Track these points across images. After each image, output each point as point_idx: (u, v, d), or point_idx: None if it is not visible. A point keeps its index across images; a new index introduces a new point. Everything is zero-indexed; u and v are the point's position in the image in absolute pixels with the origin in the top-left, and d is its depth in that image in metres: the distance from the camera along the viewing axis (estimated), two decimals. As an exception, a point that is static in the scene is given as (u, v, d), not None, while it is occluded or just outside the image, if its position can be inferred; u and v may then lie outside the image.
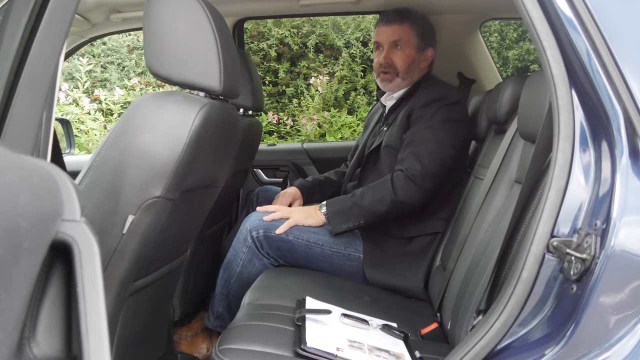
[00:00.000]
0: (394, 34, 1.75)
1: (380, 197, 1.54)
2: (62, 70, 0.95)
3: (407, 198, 1.54)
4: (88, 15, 1.96)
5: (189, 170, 1.01)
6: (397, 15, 1.77)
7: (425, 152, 1.57)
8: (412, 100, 1.72)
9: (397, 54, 1.75)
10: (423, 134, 1.61)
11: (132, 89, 4.97)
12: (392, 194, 1.54)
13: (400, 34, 1.74)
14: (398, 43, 1.74)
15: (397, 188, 1.54)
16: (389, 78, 1.77)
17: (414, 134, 1.63)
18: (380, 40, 1.78)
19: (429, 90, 1.70)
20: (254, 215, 1.61)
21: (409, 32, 1.75)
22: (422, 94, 1.71)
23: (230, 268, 1.59)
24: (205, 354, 1.74)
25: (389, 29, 1.76)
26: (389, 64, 1.75)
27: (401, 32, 1.74)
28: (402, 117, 1.70)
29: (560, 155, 0.76)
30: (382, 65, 1.77)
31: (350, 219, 1.55)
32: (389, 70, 1.76)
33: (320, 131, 4.73)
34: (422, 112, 1.65)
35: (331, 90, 4.93)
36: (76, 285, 0.39)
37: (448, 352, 0.89)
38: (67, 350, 0.40)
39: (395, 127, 1.71)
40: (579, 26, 0.75)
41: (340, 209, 1.57)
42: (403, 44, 1.74)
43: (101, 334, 0.37)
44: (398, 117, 1.74)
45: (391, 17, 1.77)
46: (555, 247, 0.75)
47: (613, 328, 0.69)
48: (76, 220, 0.40)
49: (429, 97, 1.67)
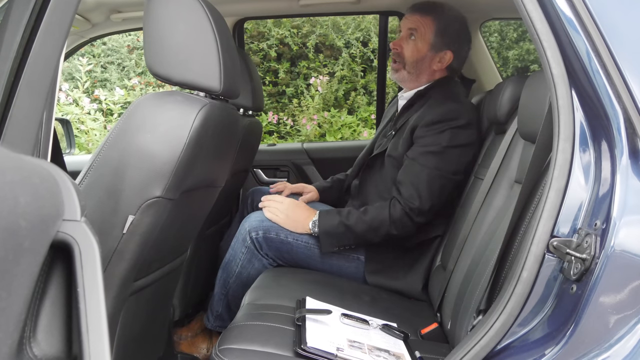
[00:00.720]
0: (413, 22, 1.68)
1: (376, 227, 1.52)
2: (62, 70, 0.95)
3: (401, 231, 1.53)
4: (88, 15, 1.96)
5: (189, 170, 1.01)
6: (424, 5, 1.70)
7: (424, 184, 1.51)
8: (420, 111, 1.62)
9: (409, 43, 1.68)
10: (425, 160, 1.53)
11: (132, 89, 4.97)
12: (388, 226, 1.52)
13: (417, 24, 1.67)
14: (413, 33, 1.67)
15: (394, 221, 1.52)
16: (396, 67, 1.72)
17: (416, 158, 1.55)
18: (400, 26, 1.74)
19: (439, 108, 1.56)
20: (253, 215, 1.61)
21: (428, 25, 1.66)
22: (430, 109, 1.58)
23: (229, 268, 1.59)
24: (205, 354, 1.74)
25: (411, 17, 1.69)
26: (397, 53, 1.70)
27: (420, 22, 1.67)
28: (407, 131, 1.62)
29: (560, 155, 0.76)
30: (392, 52, 1.72)
31: (341, 241, 1.55)
32: (397, 59, 1.71)
33: (320, 131, 4.73)
34: (426, 132, 1.55)
35: (331, 90, 4.93)
36: (76, 285, 0.39)
37: (448, 352, 0.89)
38: (67, 350, 0.40)
39: (401, 139, 1.64)
40: (579, 26, 0.75)
41: (331, 230, 1.54)
42: (417, 36, 1.67)
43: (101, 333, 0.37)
44: (406, 125, 1.65)
45: (418, 6, 1.70)
46: (555, 247, 0.75)
47: (613, 328, 0.70)
48: (76, 220, 0.40)
49: (435, 116, 1.54)
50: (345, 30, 5.11)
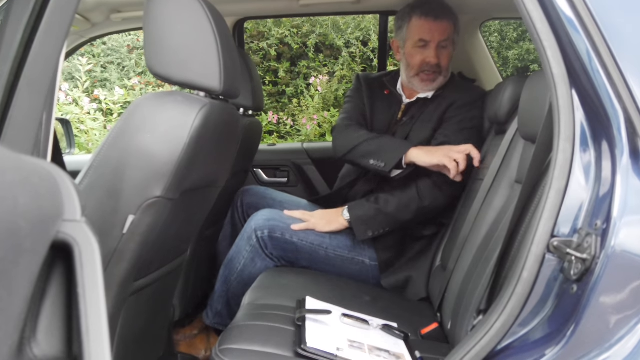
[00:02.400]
0: (445, 32, 1.62)
1: (406, 204, 1.52)
2: (62, 70, 0.95)
3: (432, 204, 1.53)
4: (88, 15, 1.96)
5: (189, 170, 1.01)
6: (444, 11, 1.63)
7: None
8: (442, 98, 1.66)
9: (444, 53, 1.64)
10: (458, 137, 1.56)
11: (132, 89, 4.97)
12: (418, 200, 1.52)
13: (449, 32, 1.63)
14: (446, 42, 1.63)
15: (424, 195, 1.52)
16: (432, 78, 1.65)
17: (449, 136, 1.57)
18: (428, 37, 1.62)
19: (469, 91, 1.67)
20: (259, 214, 1.61)
21: (453, 29, 1.65)
22: (462, 92, 1.65)
23: (232, 266, 1.59)
24: (205, 354, 1.74)
25: (439, 25, 1.61)
26: (437, 64, 1.63)
27: (450, 30, 1.63)
28: (436, 115, 1.63)
29: (560, 155, 0.76)
30: (428, 65, 1.63)
31: (374, 226, 1.54)
32: (433, 69, 1.64)
33: (320, 131, 4.72)
34: (459, 112, 1.61)
35: (331, 90, 4.93)
36: (77, 285, 0.39)
37: (448, 352, 0.89)
38: (67, 350, 0.40)
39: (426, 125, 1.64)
40: (579, 26, 0.75)
41: (364, 215, 1.54)
42: (449, 43, 1.64)
43: (102, 334, 0.37)
44: (428, 113, 1.65)
45: (440, 12, 1.62)
46: (555, 247, 0.75)
47: (613, 328, 0.69)
48: (76, 220, 0.40)
49: (469, 98, 1.62)
50: (345, 30, 5.11)
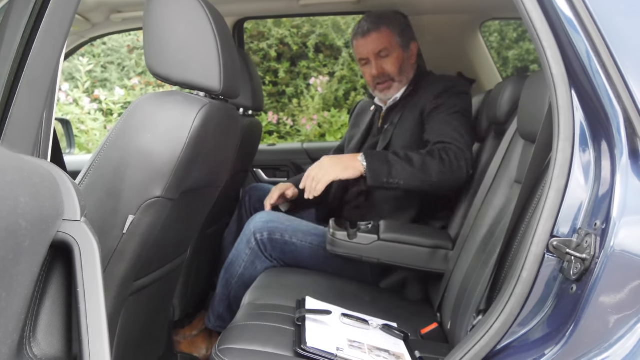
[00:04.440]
0: (376, 43, 1.68)
1: (428, 165, 1.45)
2: (62, 70, 0.95)
3: (459, 171, 1.46)
4: (88, 15, 1.97)
5: (189, 170, 1.01)
6: (372, 23, 1.70)
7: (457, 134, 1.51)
8: (418, 98, 1.68)
9: (386, 61, 1.69)
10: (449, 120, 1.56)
11: (132, 89, 4.97)
12: (442, 166, 1.45)
13: (382, 42, 1.68)
14: (382, 52, 1.69)
15: (449, 162, 1.45)
16: (387, 86, 1.72)
17: (438, 121, 1.57)
18: (364, 54, 1.72)
19: (437, 83, 1.66)
20: (257, 216, 1.61)
21: (389, 36, 1.69)
22: (430, 88, 1.66)
23: (232, 269, 1.59)
24: (205, 354, 1.74)
25: (368, 40, 1.69)
26: (382, 74, 1.70)
27: (382, 38, 1.68)
28: (413, 115, 1.65)
29: (560, 155, 0.76)
30: (375, 78, 1.71)
31: (391, 174, 1.44)
32: (384, 79, 1.71)
33: (320, 131, 4.72)
34: (437, 102, 1.60)
35: (331, 90, 4.93)
36: (76, 285, 0.39)
37: (448, 352, 0.89)
38: (67, 350, 0.40)
39: (406, 126, 1.66)
40: (578, 26, 0.75)
41: (382, 160, 1.46)
42: (388, 51, 1.68)
43: (101, 333, 0.37)
44: (406, 116, 1.68)
45: (366, 27, 1.69)
46: (555, 247, 0.75)
47: (613, 328, 0.70)
48: (76, 220, 0.40)
49: (440, 88, 1.63)
50: (345, 30, 5.11)
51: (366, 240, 1.44)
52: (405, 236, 1.45)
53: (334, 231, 1.45)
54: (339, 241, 1.44)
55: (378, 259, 1.45)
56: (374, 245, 1.44)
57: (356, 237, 1.44)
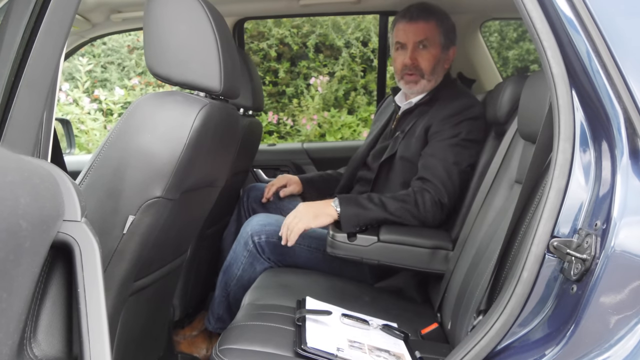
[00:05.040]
0: (421, 32, 1.63)
1: (402, 211, 1.46)
2: (62, 70, 0.95)
3: (432, 220, 1.48)
4: (88, 15, 1.96)
5: (189, 170, 1.01)
6: (423, 12, 1.65)
7: (447, 180, 1.50)
8: (431, 112, 1.63)
9: (423, 54, 1.64)
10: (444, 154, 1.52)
11: (132, 89, 4.96)
12: (416, 211, 1.47)
13: (427, 33, 1.63)
14: (424, 42, 1.63)
15: (424, 208, 1.46)
16: (415, 79, 1.66)
17: (435, 154, 1.54)
18: (403, 39, 1.65)
19: (454, 102, 1.60)
20: (254, 219, 1.60)
21: (435, 30, 1.64)
22: (443, 107, 1.61)
23: (230, 271, 1.59)
24: (205, 354, 1.74)
25: (414, 26, 1.63)
26: (415, 65, 1.64)
27: (428, 30, 1.63)
28: (420, 130, 1.61)
29: (560, 156, 0.76)
30: (406, 67, 1.65)
31: (364, 220, 1.46)
32: (413, 71, 1.65)
33: (320, 131, 4.72)
34: (442, 127, 1.56)
35: (331, 90, 4.93)
36: (77, 285, 0.39)
37: (448, 352, 0.89)
38: (67, 350, 0.40)
39: (413, 139, 1.62)
40: (579, 26, 0.75)
41: (356, 205, 1.47)
42: (429, 43, 1.63)
43: (102, 334, 0.37)
44: (416, 126, 1.65)
45: (416, 13, 1.64)
46: (555, 247, 0.75)
47: (613, 328, 0.69)
48: (77, 220, 0.40)
49: (450, 110, 1.58)
50: (345, 30, 5.11)
51: (366, 241, 1.44)
52: (405, 237, 1.45)
53: (333, 233, 1.45)
54: (339, 243, 1.44)
55: (378, 260, 1.45)
56: (373, 247, 1.44)
57: (356, 239, 1.44)
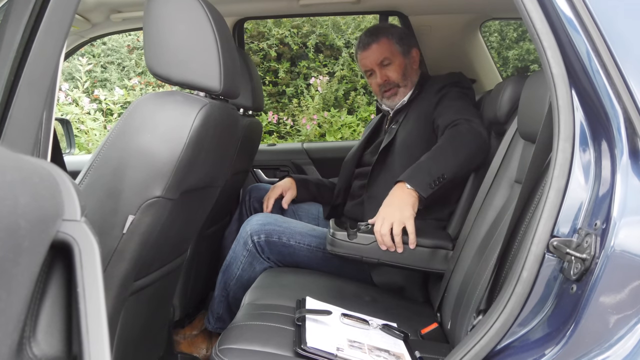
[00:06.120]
0: (378, 54, 1.77)
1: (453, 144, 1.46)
2: (62, 70, 0.95)
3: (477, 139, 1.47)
4: (88, 15, 1.96)
5: (189, 170, 1.01)
6: (371, 35, 1.80)
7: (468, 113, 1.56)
8: (422, 96, 1.74)
9: (390, 69, 1.78)
10: (451, 103, 1.61)
11: (132, 89, 4.97)
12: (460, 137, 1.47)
13: (383, 51, 1.77)
14: (384, 61, 1.77)
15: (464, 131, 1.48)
16: (393, 92, 1.80)
17: (445, 107, 1.62)
18: (368, 66, 1.81)
19: (439, 80, 1.73)
20: (254, 219, 1.61)
21: (388, 45, 1.77)
22: (432, 85, 1.73)
23: (230, 271, 1.59)
24: (205, 354, 1.74)
25: (369, 52, 1.79)
26: (387, 82, 1.79)
27: (382, 49, 1.77)
28: (417, 113, 1.71)
29: (560, 155, 0.76)
30: (382, 86, 1.80)
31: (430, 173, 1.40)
32: (389, 87, 1.79)
33: (320, 131, 4.72)
34: (440, 94, 1.67)
35: (331, 90, 4.93)
36: (76, 285, 0.39)
37: (448, 352, 0.89)
38: (67, 350, 0.40)
39: (410, 123, 1.71)
40: (579, 26, 0.75)
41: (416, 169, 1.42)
42: (390, 58, 1.77)
43: (101, 334, 0.37)
44: (410, 114, 1.74)
45: (366, 40, 1.80)
46: (555, 247, 0.75)
47: (613, 328, 0.69)
48: (76, 220, 0.40)
49: (441, 83, 1.70)
50: (345, 30, 5.11)
51: (366, 240, 1.44)
52: (405, 236, 1.46)
53: (334, 231, 1.45)
54: (339, 241, 1.44)
55: (378, 259, 1.45)
56: (374, 245, 1.44)
57: (356, 237, 1.44)
